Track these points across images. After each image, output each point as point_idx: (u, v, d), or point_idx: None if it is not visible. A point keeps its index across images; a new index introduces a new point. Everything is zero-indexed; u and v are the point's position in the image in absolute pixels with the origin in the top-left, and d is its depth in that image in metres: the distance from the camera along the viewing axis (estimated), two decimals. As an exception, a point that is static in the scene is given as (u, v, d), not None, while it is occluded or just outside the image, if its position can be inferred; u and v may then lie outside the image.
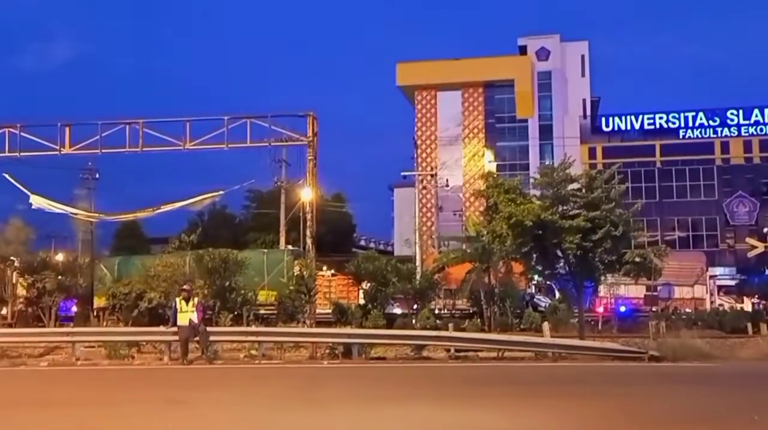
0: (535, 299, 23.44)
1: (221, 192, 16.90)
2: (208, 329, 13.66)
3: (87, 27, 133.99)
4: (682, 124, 38.51)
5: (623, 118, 39.12)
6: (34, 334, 15.14)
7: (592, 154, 37.28)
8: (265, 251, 25.68)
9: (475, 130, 39.58)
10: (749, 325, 17.98)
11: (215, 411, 7.46)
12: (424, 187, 36.86)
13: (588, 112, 39.58)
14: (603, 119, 39.73)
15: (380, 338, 14.21)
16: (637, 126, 38.96)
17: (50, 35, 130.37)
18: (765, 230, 32.28)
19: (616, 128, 39.20)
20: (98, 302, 19.69)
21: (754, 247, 31.46)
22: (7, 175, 17.42)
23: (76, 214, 20.89)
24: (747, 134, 37.76)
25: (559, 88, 39.27)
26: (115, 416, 7.12)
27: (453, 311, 20.69)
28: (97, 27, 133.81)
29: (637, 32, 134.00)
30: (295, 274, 17.87)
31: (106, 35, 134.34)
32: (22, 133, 17.15)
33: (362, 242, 49.32)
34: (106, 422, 6.88)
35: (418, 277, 19.31)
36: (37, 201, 17.79)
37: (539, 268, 14.60)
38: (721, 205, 35.52)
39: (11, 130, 17.11)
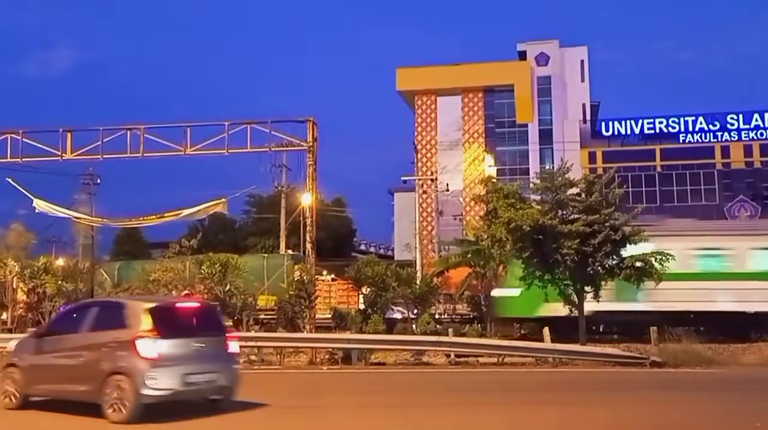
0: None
1: (224, 200, 16.89)
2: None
3: (88, 35, 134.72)
4: (682, 129, 38.52)
5: (623, 122, 39.13)
6: (34, 339, 15.12)
7: (592, 158, 37.29)
8: (265, 255, 25.68)
9: (475, 135, 39.63)
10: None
11: (214, 417, 7.43)
12: (425, 192, 36.85)
13: (588, 117, 39.63)
14: (603, 124, 39.75)
15: (380, 344, 14.18)
16: (637, 130, 38.97)
17: (52, 43, 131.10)
18: (766, 234, 32.17)
19: (616, 133, 39.20)
20: (98, 307, 19.65)
21: (754, 251, 31.21)
22: (10, 180, 17.47)
23: (79, 218, 20.91)
24: (747, 139, 37.76)
25: (558, 93, 39.34)
26: (114, 423, 7.09)
27: (453, 316, 20.63)
28: (98, 35, 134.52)
29: (637, 37, 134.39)
30: (295, 278, 17.84)
31: (107, 43, 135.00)
32: (24, 139, 17.18)
33: (362, 247, 49.29)
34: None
35: (418, 282, 19.28)
36: (40, 205, 17.80)
37: (539, 273, 14.56)
38: (722, 210, 35.48)
39: (13, 135, 17.14)
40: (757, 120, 38.02)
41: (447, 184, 36.77)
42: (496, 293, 17.41)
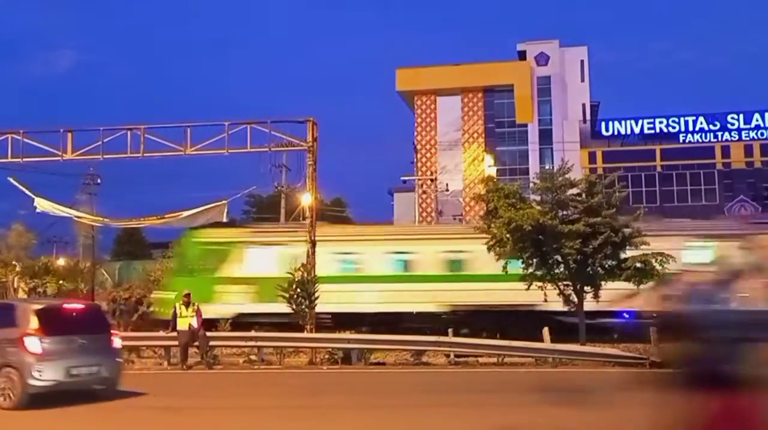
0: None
1: (225, 202, 16.89)
2: (208, 333, 13.66)
3: (89, 36, 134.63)
4: (683, 129, 38.51)
5: (623, 122, 39.09)
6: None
7: (592, 158, 37.27)
8: (266, 255, 25.68)
9: (475, 135, 39.61)
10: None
11: (213, 418, 7.45)
12: (424, 192, 36.85)
13: (588, 117, 39.61)
14: (603, 124, 39.72)
15: (379, 344, 14.18)
16: (637, 130, 38.95)
17: (53, 44, 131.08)
18: (766, 234, 32.05)
19: (615, 133, 39.18)
20: (98, 307, 19.73)
21: (755, 251, 31.09)
22: (11, 179, 17.48)
23: (80, 218, 20.93)
24: (748, 138, 37.75)
25: (558, 93, 39.31)
26: (112, 423, 7.11)
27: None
28: (99, 36, 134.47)
29: (637, 37, 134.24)
30: (296, 279, 17.84)
31: (107, 44, 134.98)
32: (25, 139, 17.16)
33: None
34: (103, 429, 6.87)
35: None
36: (41, 204, 17.83)
37: (539, 273, 14.56)
38: (723, 210, 35.46)
39: (14, 136, 17.13)
40: (757, 120, 38.00)
41: (447, 185, 36.75)
42: (155, 294, 17.97)
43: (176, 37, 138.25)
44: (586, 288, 14.59)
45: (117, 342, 8.66)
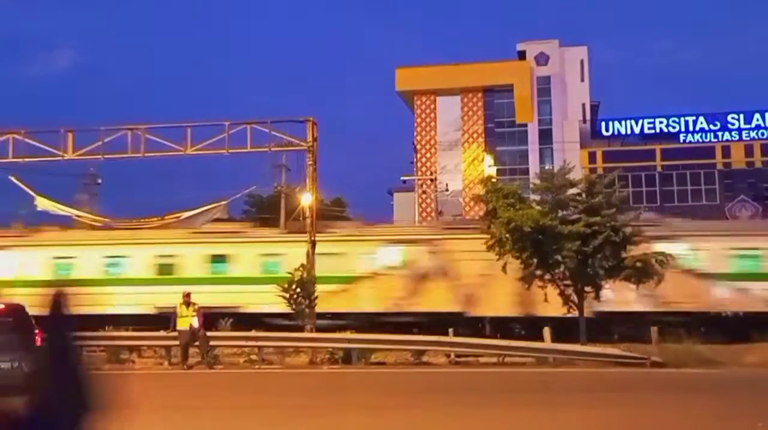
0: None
1: (225, 202, 16.93)
2: (208, 333, 13.67)
3: (89, 36, 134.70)
4: (683, 129, 38.51)
5: (623, 122, 39.09)
6: (34, 339, 15.20)
7: (592, 158, 37.27)
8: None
9: (475, 135, 39.61)
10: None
11: (213, 418, 7.45)
12: (424, 192, 36.87)
13: (588, 117, 39.62)
14: (603, 124, 39.72)
15: (380, 343, 14.18)
16: (637, 130, 38.95)
17: (54, 45, 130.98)
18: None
19: (616, 133, 39.18)
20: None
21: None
22: (12, 178, 17.50)
23: (81, 217, 20.94)
24: (748, 138, 37.75)
25: (558, 93, 39.32)
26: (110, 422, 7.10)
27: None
28: (98, 37, 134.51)
29: (637, 37, 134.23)
30: (296, 278, 17.85)
31: (107, 44, 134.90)
32: (26, 139, 17.16)
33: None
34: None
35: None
36: (42, 203, 17.85)
37: (539, 273, 14.56)
38: (723, 210, 35.47)
39: (15, 136, 17.12)
40: (758, 120, 37.99)
41: (446, 185, 36.76)
42: None
43: (176, 37, 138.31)
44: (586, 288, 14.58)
45: (39, 341, 9.07)
